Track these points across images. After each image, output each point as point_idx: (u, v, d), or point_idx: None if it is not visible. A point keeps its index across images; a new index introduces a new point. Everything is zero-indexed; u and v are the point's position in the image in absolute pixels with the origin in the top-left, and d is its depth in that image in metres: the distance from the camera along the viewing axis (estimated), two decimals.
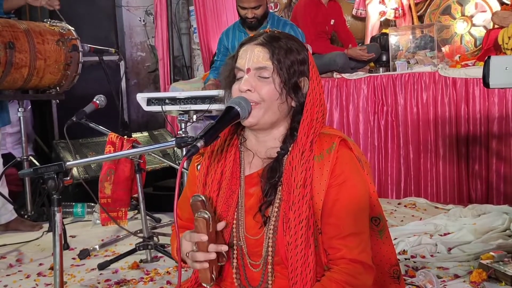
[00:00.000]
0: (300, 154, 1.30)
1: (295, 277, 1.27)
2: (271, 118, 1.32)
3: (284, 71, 1.30)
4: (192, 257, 1.26)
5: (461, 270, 2.39)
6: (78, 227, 3.63)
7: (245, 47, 1.34)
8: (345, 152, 1.31)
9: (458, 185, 3.81)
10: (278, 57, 1.30)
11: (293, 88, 1.32)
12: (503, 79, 2.08)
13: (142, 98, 2.94)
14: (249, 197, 1.36)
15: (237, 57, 1.35)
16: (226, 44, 3.86)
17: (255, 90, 1.30)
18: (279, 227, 1.30)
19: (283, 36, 1.35)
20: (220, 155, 1.39)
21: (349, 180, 1.29)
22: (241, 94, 1.30)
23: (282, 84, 1.30)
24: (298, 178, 1.28)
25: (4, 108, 3.49)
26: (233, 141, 1.40)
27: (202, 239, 1.23)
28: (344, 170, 1.29)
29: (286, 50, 1.31)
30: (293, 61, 1.31)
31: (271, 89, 1.30)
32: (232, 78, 1.36)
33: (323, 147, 1.30)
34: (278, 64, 1.30)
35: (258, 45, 1.32)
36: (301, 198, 1.27)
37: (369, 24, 4.88)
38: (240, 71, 1.33)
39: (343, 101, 4.19)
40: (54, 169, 1.32)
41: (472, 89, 3.75)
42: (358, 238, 1.29)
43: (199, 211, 1.24)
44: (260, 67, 1.30)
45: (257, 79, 1.30)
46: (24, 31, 3.27)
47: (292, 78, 1.31)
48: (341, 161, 1.29)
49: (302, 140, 1.30)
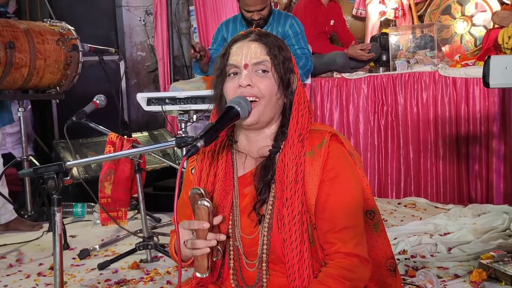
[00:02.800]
0: (291, 151, 1.30)
1: (293, 274, 1.27)
2: (269, 115, 1.32)
3: (280, 67, 1.32)
4: (192, 245, 1.25)
5: (461, 270, 2.39)
6: (78, 227, 3.63)
7: (238, 44, 1.34)
8: (337, 147, 1.32)
9: (458, 185, 3.81)
10: (274, 52, 1.32)
11: (287, 84, 1.33)
12: (503, 78, 2.08)
13: (142, 98, 2.93)
14: (244, 197, 1.36)
15: (229, 54, 1.34)
16: (225, 36, 3.85)
17: (255, 85, 1.30)
18: (273, 224, 1.30)
19: (271, 34, 1.37)
20: (212, 158, 1.39)
21: (342, 174, 1.29)
22: (240, 90, 1.30)
23: (279, 79, 1.31)
24: (290, 174, 1.29)
25: (6, 108, 3.49)
26: (224, 143, 1.40)
27: (203, 226, 1.23)
28: (336, 165, 1.29)
29: (278, 46, 1.34)
30: (285, 57, 1.34)
31: (270, 84, 1.31)
32: (224, 76, 1.35)
33: (314, 143, 1.31)
34: (274, 59, 1.31)
35: (253, 41, 1.33)
36: (293, 194, 1.28)
37: (369, 24, 4.88)
38: (234, 67, 1.32)
39: (343, 101, 4.19)
40: (54, 169, 1.32)
41: (472, 89, 3.75)
42: (352, 231, 1.29)
43: (200, 199, 1.24)
44: (259, 61, 1.31)
45: (256, 74, 1.31)
46: (24, 31, 3.27)
47: (286, 74, 1.33)
48: (333, 155, 1.30)
49: (293, 136, 1.31)
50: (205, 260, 1.26)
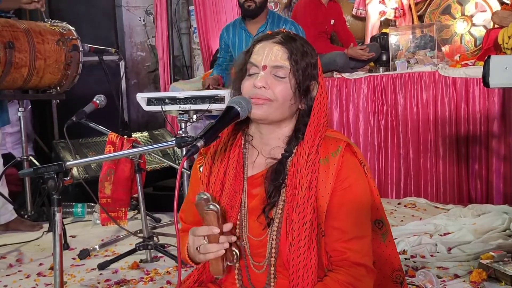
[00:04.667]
0: (306, 157, 1.29)
1: (296, 279, 1.27)
2: (280, 117, 1.32)
3: (300, 73, 1.30)
4: (205, 250, 1.25)
5: (461, 270, 2.39)
6: (78, 227, 3.63)
7: (262, 43, 1.33)
8: (350, 157, 1.32)
9: (458, 185, 3.81)
10: (295, 58, 1.30)
11: (305, 90, 1.32)
12: (503, 78, 2.08)
13: (142, 98, 2.93)
14: (252, 198, 1.35)
15: (251, 52, 1.34)
16: (227, 41, 3.86)
17: (269, 87, 1.29)
18: (282, 228, 1.30)
19: (299, 39, 1.35)
20: (223, 155, 1.39)
21: (354, 184, 1.30)
22: (254, 90, 1.29)
23: (297, 85, 1.30)
24: (304, 180, 1.28)
25: (4, 108, 3.49)
26: (236, 141, 1.40)
27: (213, 232, 1.23)
28: (350, 175, 1.30)
29: (302, 52, 1.32)
30: (308, 64, 1.32)
31: (285, 89, 1.29)
32: (244, 73, 1.35)
33: (328, 150, 1.30)
34: (295, 65, 1.30)
35: (277, 43, 1.31)
36: (306, 200, 1.27)
37: (369, 24, 4.88)
38: (254, 67, 1.32)
39: (343, 101, 4.19)
40: (54, 169, 1.32)
41: (472, 88, 3.75)
42: (361, 241, 1.29)
43: (208, 204, 1.24)
44: (277, 65, 1.30)
45: (273, 77, 1.30)
46: (24, 31, 3.27)
47: (305, 81, 1.31)
48: (347, 165, 1.30)
49: (309, 142, 1.30)
50: (219, 263, 1.26)
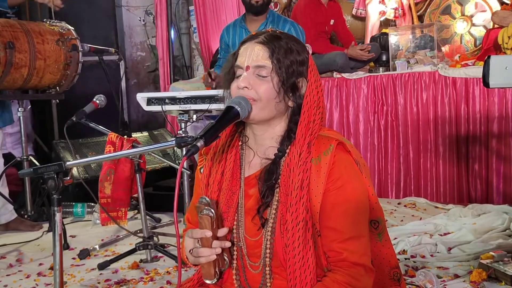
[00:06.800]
0: (297, 156, 1.29)
1: (294, 279, 1.27)
2: (267, 116, 1.32)
3: (282, 71, 1.30)
4: (196, 253, 1.26)
5: (461, 270, 2.39)
6: (78, 227, 3.63)
7: (246, 45, 1.35)
8: (343, 156, 1.30)
9: (458, 184, 3.81)
10: (277, 56, 1.30)
11: (291, 88, 1.32)
12: (503, 78, 2.08)
13: (142, 98, 2.93)
14: (248, 198, 1.36)
15: (237, 55, 1.35)
16: (227, 41, 3.86)
17: (252, 87, 1.30)
18: (276, 229, 1.30)
19: (285, 37, 1.35)
20: (221, 156, 1.40)
21: (348, 183, 1.29)
22: (238, 91, 1.31)
23: (280, 83, 1.30)
24: (296, 180, 1.28)
25: (6, 108, 3.49)
26: (233, 142, 1.41)
27: (206, 235, 1.24)
28: (342, 174, 1.28)
29: (286, 49, 1.31)
30: (292, 61, 1.31)
31: (268, 88, 1.30)
32: (232, 76, 1.36)
33: (320, 150, 1.30)
34: (277, 64, 1.30)
35: (259, 43, 1.32)
36: (298, 200, 1.27)
37: (369, 24, 4.88)
38: (240, 68, 1.33)
39: (343, 101, 4.19)
40: (54, 169, 1.32)
41: (472, 88, 3.75)
42: (358, 241, 1.29)
43: (204, 208, 1.25)
44: (258, 65, 1.30)
45: (255, 77, 1.31)
46: (24, 31, 3.27)
47: (290, 78, 1.31)
48: (339, 164, 1.29)
49: (300, 141, 1.30)
50: (211, 268, 1.27)
